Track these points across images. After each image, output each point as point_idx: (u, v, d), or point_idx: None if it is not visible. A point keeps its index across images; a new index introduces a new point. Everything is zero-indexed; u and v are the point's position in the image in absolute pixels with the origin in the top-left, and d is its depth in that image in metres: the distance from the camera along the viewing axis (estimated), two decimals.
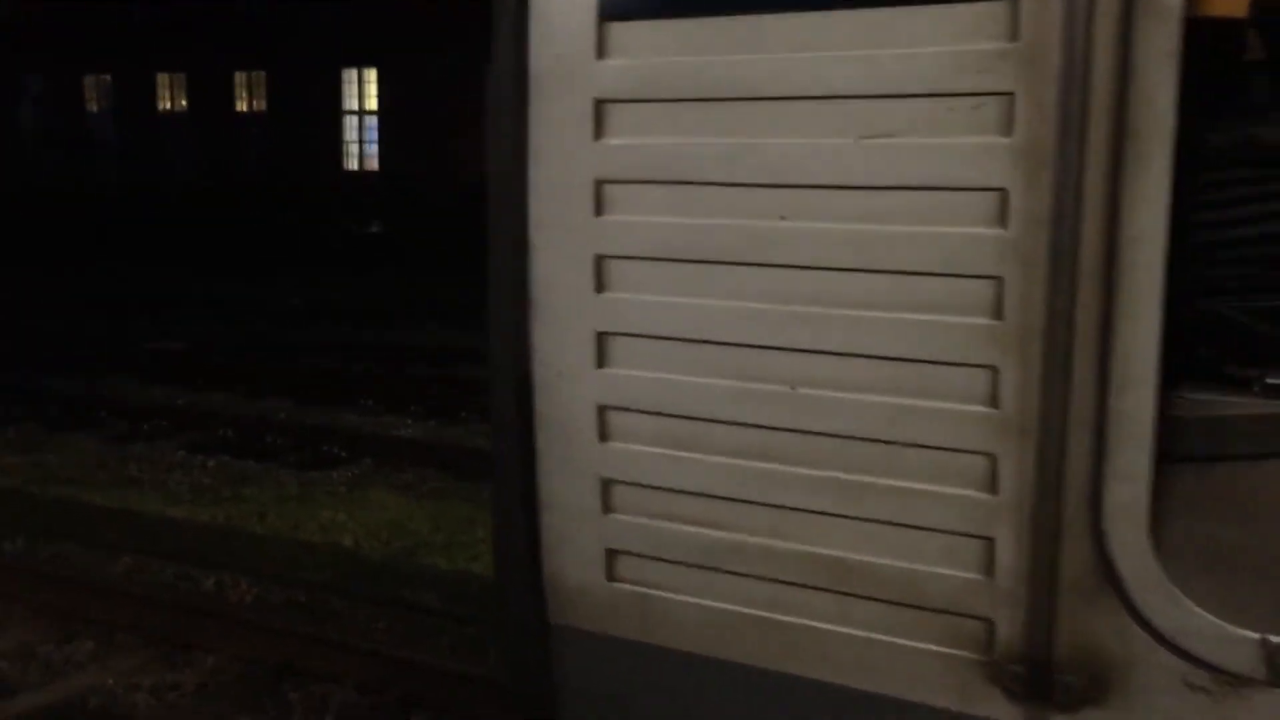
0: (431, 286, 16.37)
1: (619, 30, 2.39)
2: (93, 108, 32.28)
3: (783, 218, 2.29)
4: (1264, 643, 2.02)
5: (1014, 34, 2.04)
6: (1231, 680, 2.03)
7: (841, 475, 2.31)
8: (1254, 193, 3.67)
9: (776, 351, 2.33)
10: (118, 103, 31.52)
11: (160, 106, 30.74)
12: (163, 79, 30.75)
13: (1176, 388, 3.72)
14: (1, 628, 6.11)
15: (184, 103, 30.46)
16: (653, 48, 2.37)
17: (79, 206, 26.67)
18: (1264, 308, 3.76)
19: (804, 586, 2.39)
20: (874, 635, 2.34)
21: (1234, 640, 2.03)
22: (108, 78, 31.58)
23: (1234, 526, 2.67)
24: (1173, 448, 3.27)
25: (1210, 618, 2.05)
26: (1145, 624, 2.08)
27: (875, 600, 2.32)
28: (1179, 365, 3.76)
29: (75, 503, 8.22)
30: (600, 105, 2.42)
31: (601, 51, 2.41)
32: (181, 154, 29.67)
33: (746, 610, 2.46)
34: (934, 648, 2.28)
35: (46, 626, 6.10)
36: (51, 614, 6.17)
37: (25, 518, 7.78)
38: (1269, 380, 3.69)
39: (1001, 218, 2.09)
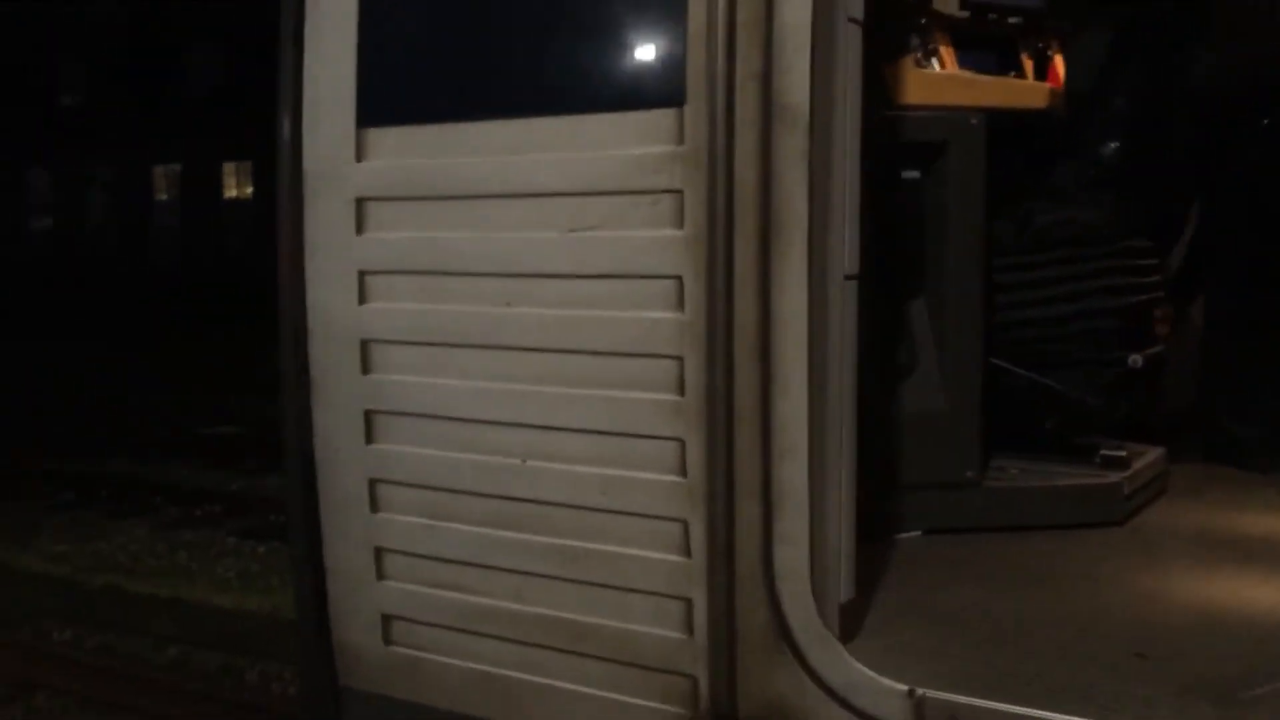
0: None
1: (374, 136, 2.64)
2: (161, 196, 33.56)
3: (508, 304, 2.50)
4: (911, 693, 2.15)
5: (680, 138, 2.25)
6: None
7: (567, 541, 2.48)
8: (1073, 272, 3.83)
9: (509, 427, 2.52)
10: (185, 190, 32.73)
11: (226, 194, 31.87)
12: (228, 167, 31.91)
13: (1019, 458, 3.87)
14: None
15: (249, 190, 31.56)
16: (400, 151, 2.62)
17: (141, 289, 27.49)
18: (1095, 380, 3.91)
19: (544, 647, 2.56)
20: (604, 693, 2.49)
21: (887, 693, 2.16)
22: (177, 167, 32.81)
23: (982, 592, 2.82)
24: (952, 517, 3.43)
25: (869, 672, 2.19)
26: (817, 679, 2.22)
27: (602, 659, 2.48)
28: (1029, 437, 3.92)
29: (124, 591, 8.25)
30: (361, 203, 2.66)
31: (360, 155, 2.65)
32: (243, 239, 30.62)
33: (497, 670, 2.62)
34: (653, 704, 2.43)
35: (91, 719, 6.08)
36: (99, 705, 6.15)
37: (75, 607, 7.84)
38: (1104, 452, 3.82)
39: (679, 302, 2.28)
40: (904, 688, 2.16)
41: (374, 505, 2.72)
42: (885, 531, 3.50)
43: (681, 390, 2.29)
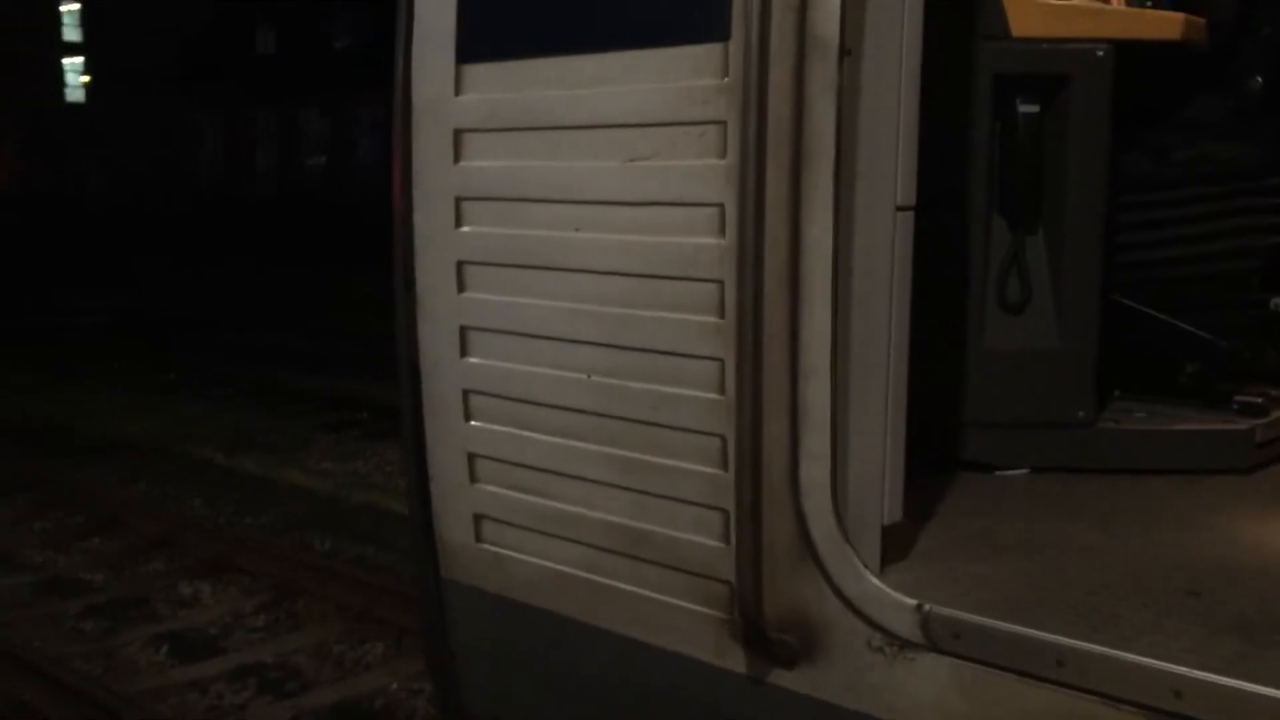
0: None
1: (469, 71, 2.85)
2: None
3: (576, 229, 2.68)
4: (919, 608, 2.23)
5: (725, 71, 2.36)
6: (899, 643, 2.26)
7: (624, 453, 2.66)
8: (1214, 209, 3.70)
9: (576, 344, 2.71)
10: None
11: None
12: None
13: (1153, 403, 3.80)
14: (303, 625, 6.62)
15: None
16: (491, 85, 2.82)
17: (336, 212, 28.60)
18: (1234, 324, 3.78)
19: (607, 550, 2.75)
20: (655, 595, 2.67)
21: (898, 607, 2.26)
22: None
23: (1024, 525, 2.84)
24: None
25: (883, 586, 2.29)
26: (835, 590, 2.33)
27: (654, 564, 2.66)
28: (1169, 383, 3.84)
29: (380, 508, 8.86)
30: (458, 134, 2.88)
31: (458, 89, 2.87)
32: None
33: (568, 569, 2.84)
34: (697, 607, 2.59)
35: (343, 626, 6.52)
36: (350, 615, 6.62)
37: (335, 521, 8.54)
38: (1239, 397, 3.72)
39: (721, 229, 2.41)
40: (913, 602, 2.24)
41: (467, 414, 2.97)
42: (990, 466, 3.52)
43: (721, 313, 2.42)
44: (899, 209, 2.48)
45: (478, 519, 3.02)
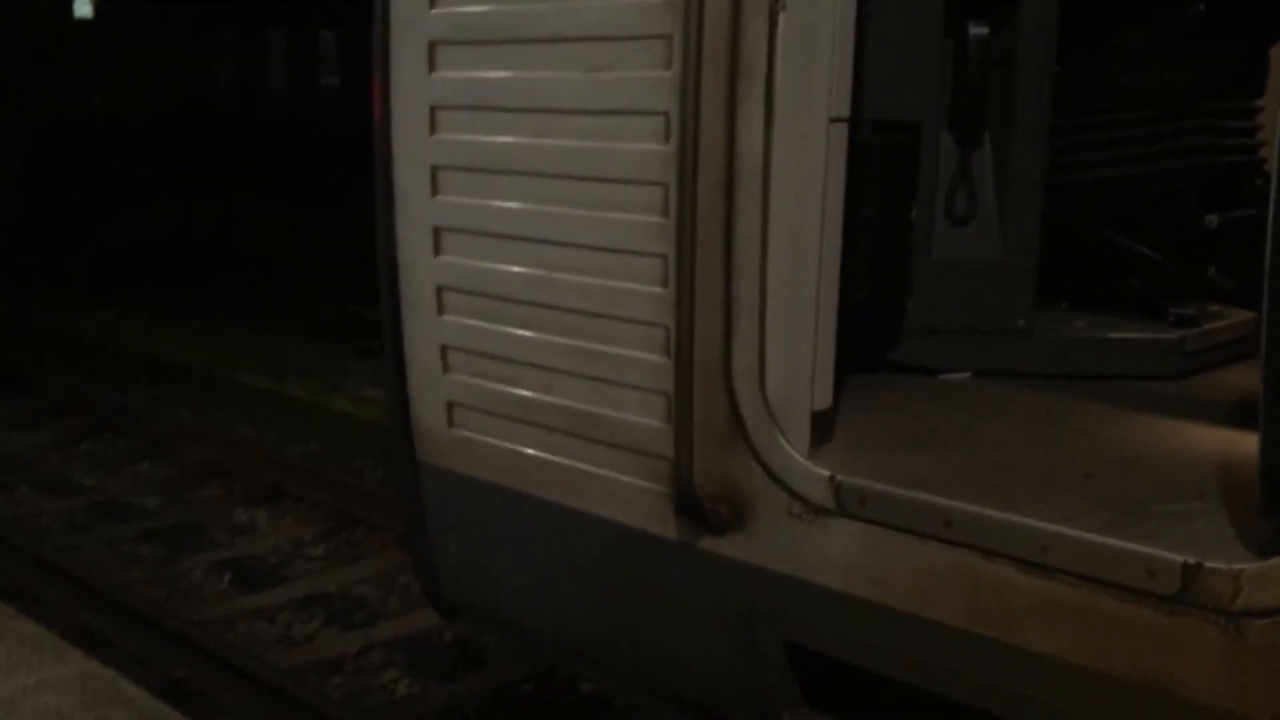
0: None
1: None
2: None
3: (539, 136, 2.91)
4: (831, 479, 2.50)
5: None
6: (814, 509, 2.53)
7: (580, 343, 2.92)
8: (1155, 131, 3.91)
9: (539, 243, 2.96)
10: None
11: None
12: None
13: (1095, 315, 4.04)
14: (363, 555, 6.66)
15: None
16: (464, 0, 3.03)
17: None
18: (1173, 241, 4.01)
19: (564, 433, 3.02)
20: (605, 472, 2.94)
21: (814, 477, 2.53)
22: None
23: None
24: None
25: (802, 460, 2.55)
26: (761, 463, 2.60)
27: (605, 444, 2.93)
28: (1115, 297, 4.08)
29: None
30: (432, 46, 3.10)
31: (432, 3, 3.08)
32: None
33: (529, 451, 3.11)
34: (640, 482, 2.86)
35: (405, 557, 6.26)
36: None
37: (383, 448, 8.78)
38: (1175, 310, 3.96)
39: (665, 136, 2.64)
40: (827, 473, 2.51)
41: (440, 308, 3.22)
42: (935, 370, 3.77)
43: (665, 213, 2.66)
44: (832, 120, 2.70)
45: (450, 406, 3.29)
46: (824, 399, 2.82)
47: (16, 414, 9.19)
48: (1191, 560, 2.02)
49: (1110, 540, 2.15)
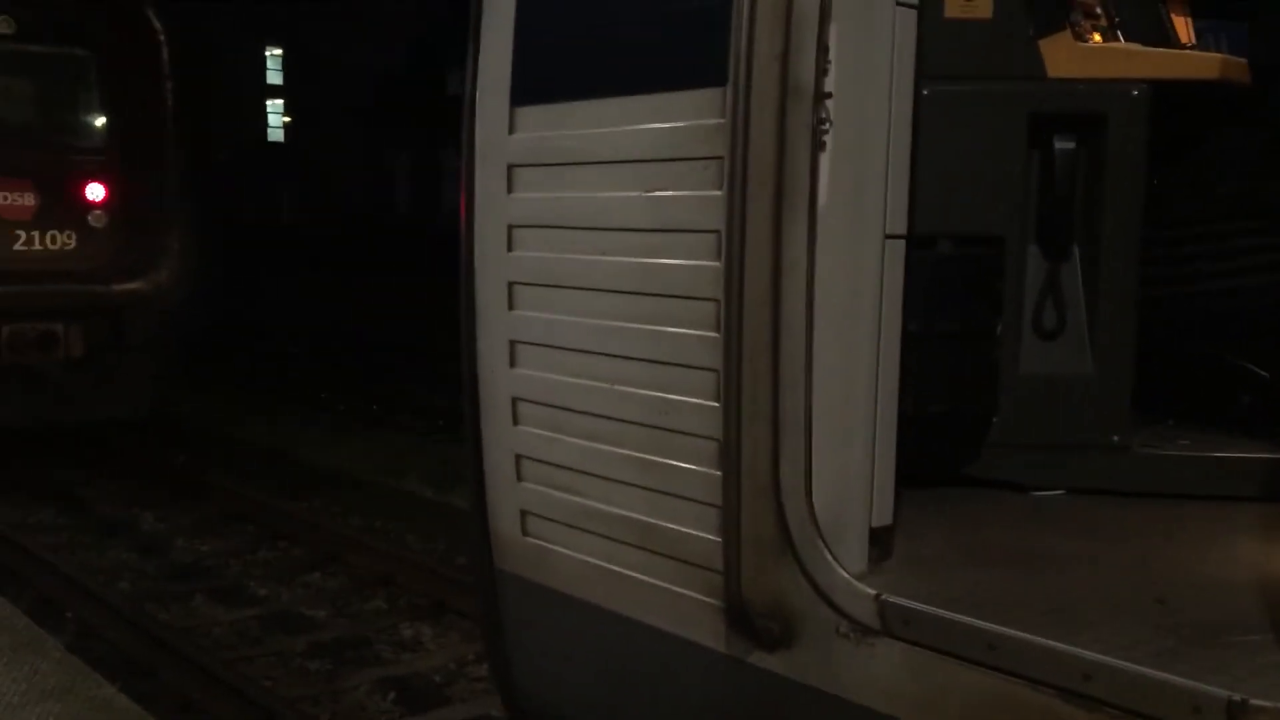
0: None
1: (521, 113, 3.22)
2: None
3: (603, 253, 3.00)
4: (877, 598, 2.46)
5: (723, 112, 2.66)
6: (861, 629, 2.49)
7: (638, 454, 2.96)
8: (1263, 242, 3.80)
9: (600, 356, 3.03)
10: None
11: None
12: None
13: (1205, 432, 3.91)
14: None
15: None
16: (540, 125, 3.18)
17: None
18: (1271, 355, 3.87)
19: (623, 543, 3.05)
20: (665, 584, 2.95)
21: (859, 595, 2.49)
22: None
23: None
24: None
25: (849, 577, 2.52)
26: (809, 579, 2.58)
27: (663, 555, 2.95)
28: (1219, 412, 3.95)
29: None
30: (510, 169, 3.25)
31: (511, 128, 3.24)
32: None
33: (594, 560, 3.15)
34: (695, 595, 2.86)
35: None
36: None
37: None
38: None
39: (718, 253, 2.70)
40: (873, 592, 2.47)
41: (515, 419, 3.32)
42: (1022, 485, 3.68)
43: (717, 328, 2.70)
44: (889, 237, 2.72)
45: (523, 514, 3.36)
46: (883, 515, 2.79)
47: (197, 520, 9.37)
48: (1237, 697, 1.91)
49: (1154, 673, 2.05)
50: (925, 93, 3.56)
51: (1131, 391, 3.66)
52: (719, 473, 2.75)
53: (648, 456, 2.93)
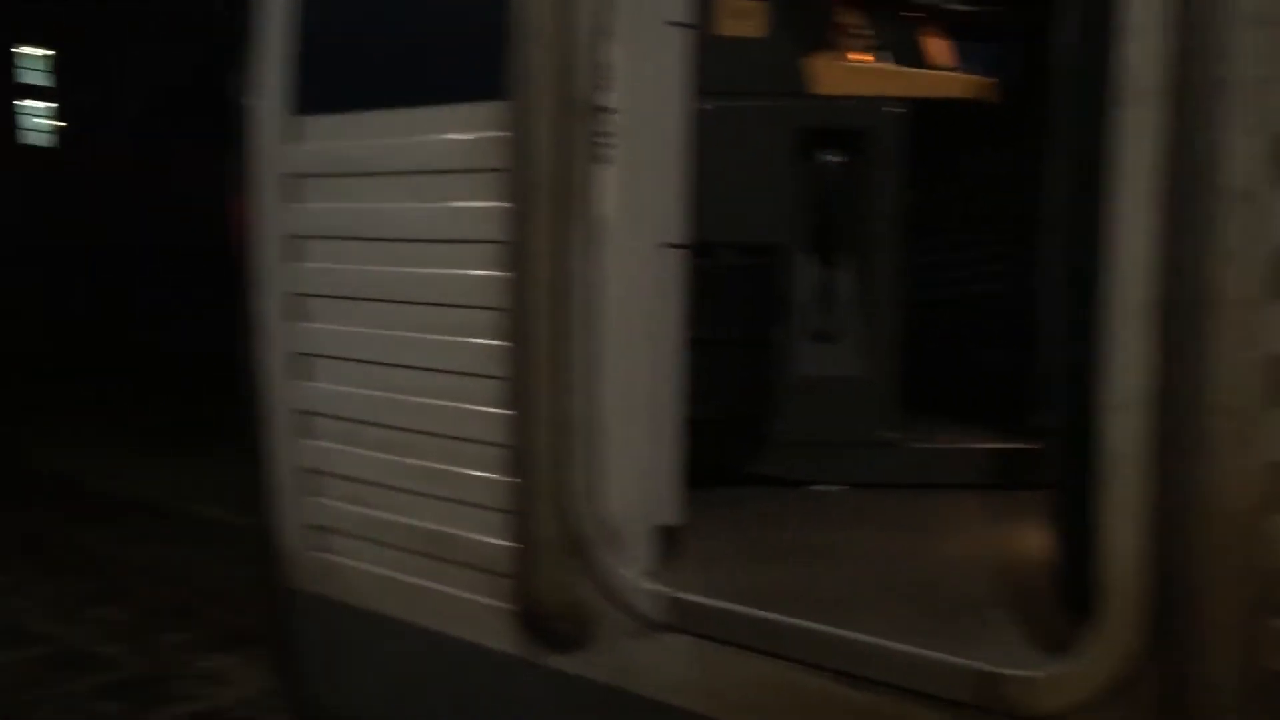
0: None
1: (303, 123, 3.18)
2: None
3: (391, 264, 3.00)
4: (664, 595, 2.55)
5: (505, 125, 2.70)
6: (650, 625, 2.57)
7: (431, 464, 2.97)
8: (994, 253, 4.10)
9: (390, 367, 3.02)
10: None
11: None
12: None
13: (965, 425, 4.15)
14: None
15: None
16: (322, 135, 3.14)
17: None
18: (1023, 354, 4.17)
19: (422, 554, 3.05)
20: (465, 594, 2.97)
21: (647, 594, 2.57)
22: None
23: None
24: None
25: (634, 575, 2.60)
26: (597, 582, 2.64)
27: (456, 563, 2.96)
28: (976, 406, 4.19)
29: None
30: (291, 179, 3.20)
31: (293, 138, 3.19)
32: None
33: (391, 574, 3.13)
34: (490, 601, 2.89)
35: None
36: None
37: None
38: (1040, 420, 4.08)
39: (501, 263, 2.73)
40: (659, 589, 2.56)
41: (301, 432, 3.26)
42: (805, 482, 3.86)
43: (503, 337, 2.74)
44: (667, 246, 2.82)
45: (312, 529, 3.31)
46: (671, 515, 2.88)
47: None
48: (989, 668, 2.08)
49: (918, 650, 2.21)
50: (707, 108, 3.72)
51: (901, 390, 3.90)
52: (510, 479, 2.78)
53: (440, 466, 2.95)
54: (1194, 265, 1.78)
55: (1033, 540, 3.21)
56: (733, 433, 3.81)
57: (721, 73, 3.74)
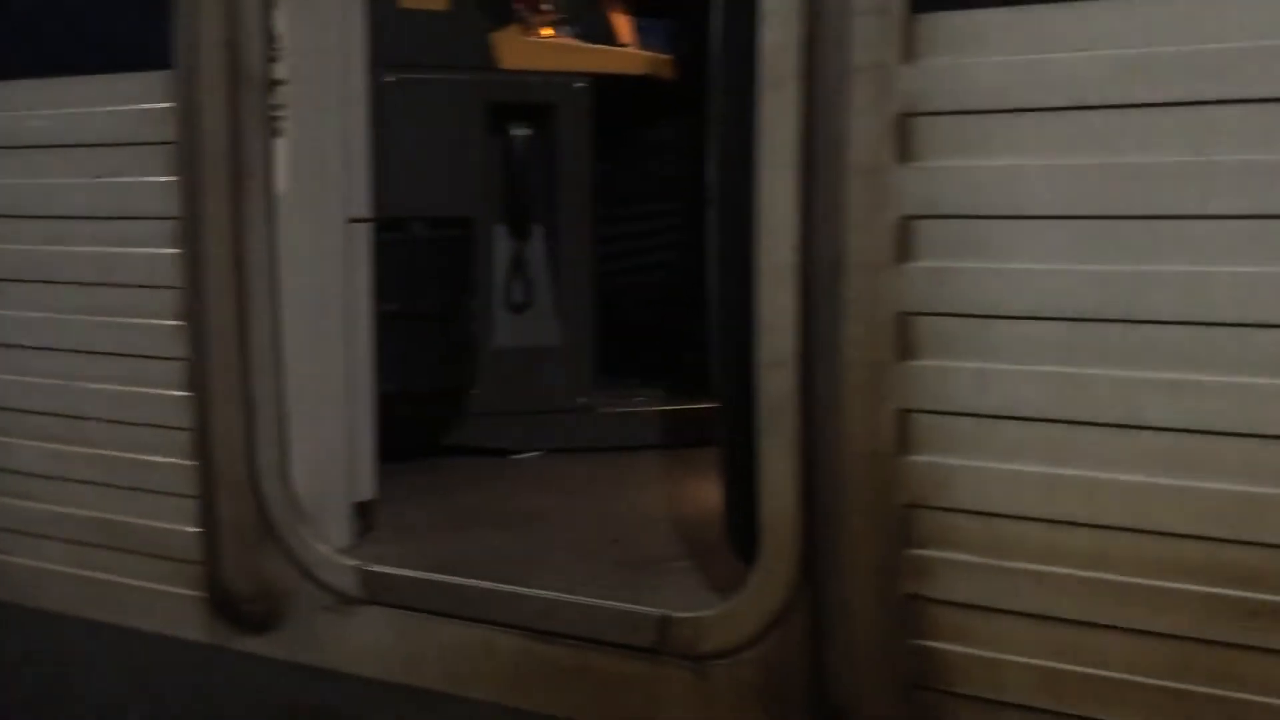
0: None
1: None
2: None
3: (49, 243, 2.83)
4: (358, 569, 2.56)
5: (172, 97, 2.60)
6: (346, 600, 2.57)
7: (104, 452, 2.83)
8: (682, 221, 4.28)
9: (54, 352, 2.86)
10: None
11: None
12: None
13: (660, 388, 4.29)
14: None
15: None
16: None
17: None
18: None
19: (95, 546, 2.91)
20: (145, 584, 2.85)
21: (343, 569, 2.57)
22: None
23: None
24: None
25: (327, 551, 2.60)
26: (293, 559, 2.62)
27: (142, 554, 2.84)
28: (671, 370, 4.34)
29: None
30: None
31: None
32: None
33: (59, 568, 2.97)
34: (178, 590, 2.80)
35: None
36: None
37: None
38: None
39: (177, 240, 2.64)
40: (354, 563, 2.57)
41: None
42: (509, 451, 3.93)
43: (180, 316, 2.65)
44: (352, 220, 2.80)
45: None
46: (366, 490, 2.88)
47: None
48: (664, 613, 2.22)
49: (598, 601, 2.32)
50: (390, 80, 3.70)
51: (595, 357, 4.04)
52: (193, 463, 2.71)
53: (118, 454, 2.82)
54: (828, 234, 1.96)
55: (713, 494, 3.42)
56: (431, 405, 3.84)
57: (407, 46, 3.75)
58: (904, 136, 1.90)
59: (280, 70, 2.56)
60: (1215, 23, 1.68)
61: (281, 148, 2.57)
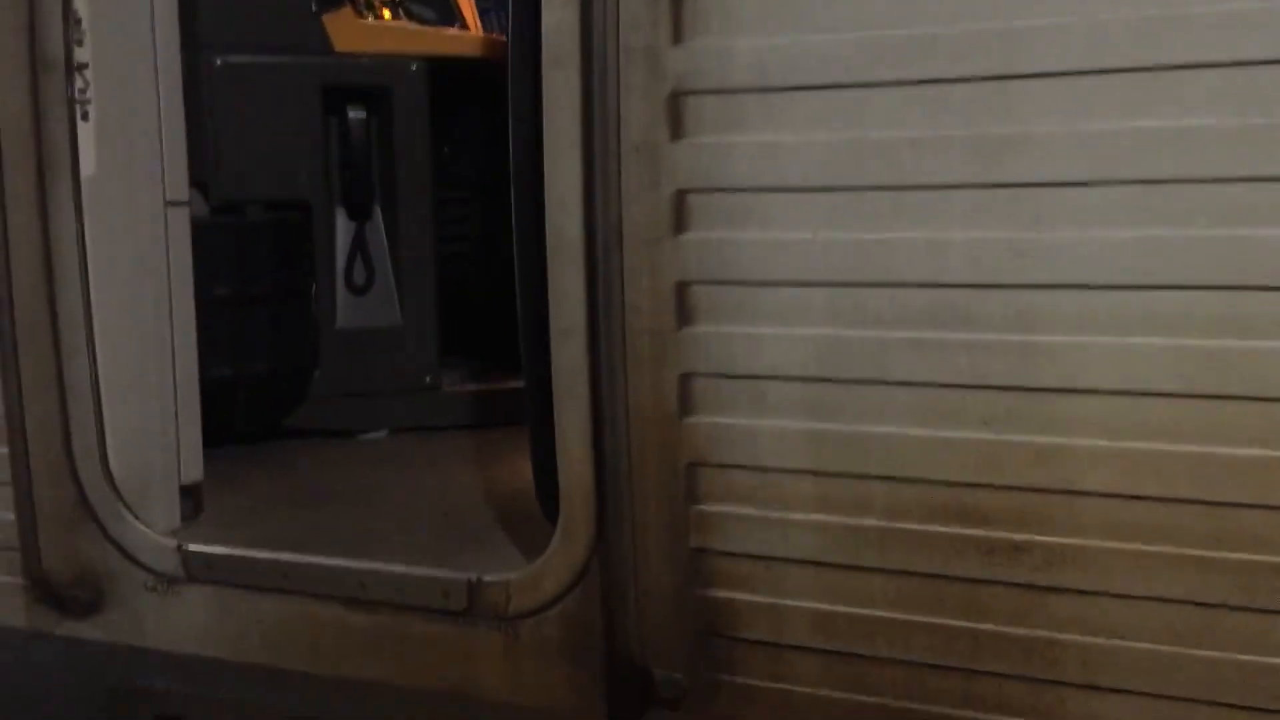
0: None
1: None
2: None
3: None
4: (179, 548, 2.59)
5: None
6: (167, 579, 2.60)
7: None
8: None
9: None
10: None
11: None
12: None
13: (501, 367, 4.35)
14: None
15: None
16: None
17: None
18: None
19: None
20: None
21: (163, 549, 2.60)
22: None
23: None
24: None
25: (148, 532, 2.62)
26: (113, 542, 2.63)
27: None
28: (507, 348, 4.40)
29: None
30: None
31: None
32: None
33: None
34: (4, 578, 2.79)
35: None
36: None
37: None
38: None
39: None
40: (174, 543, 2.60)
41: None
42: (354, 431, 3.97)
43: None
44: (170, 204, 2.82)
45: None
46: (192, 472, 2.91)
47: None
48: (473, 577, 2.30)
49: (413, 569, 2.40)
50: (222, 64, 3.70)
51: (439, 337, 4.10)
52: (5, 450, 2.70)
53: None
54: (609, 208, 2.06)
55: None
56: (273, 387, 3.86)
57: (239, 30, 3.75)
58: (676, 115, 2.00)
59: (83, 54, 2.55)
60: (949, 5, 1.82)
61: (88, 131, 2.57)
